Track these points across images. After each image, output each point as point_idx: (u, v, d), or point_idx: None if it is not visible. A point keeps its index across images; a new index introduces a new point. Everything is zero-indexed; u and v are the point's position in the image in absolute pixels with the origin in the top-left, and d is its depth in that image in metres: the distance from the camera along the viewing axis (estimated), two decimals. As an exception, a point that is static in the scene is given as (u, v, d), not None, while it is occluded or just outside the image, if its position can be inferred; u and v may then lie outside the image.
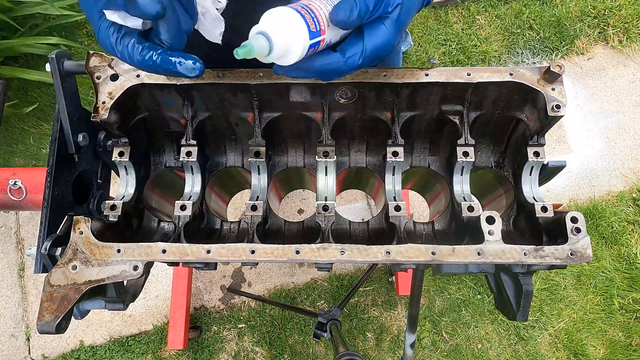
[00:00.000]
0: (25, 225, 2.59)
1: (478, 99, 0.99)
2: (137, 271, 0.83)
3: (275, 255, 0.83)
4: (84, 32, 2.85)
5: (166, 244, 0.84)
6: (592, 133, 2.75)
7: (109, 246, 0.84)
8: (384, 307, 2.47)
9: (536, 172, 0.98)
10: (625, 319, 2.45)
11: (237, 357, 2.40)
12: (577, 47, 2.87)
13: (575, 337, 2.41)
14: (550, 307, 2.46)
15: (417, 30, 2.86)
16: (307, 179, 1.26)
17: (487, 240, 0.83)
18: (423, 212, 2.58)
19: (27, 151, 2.69)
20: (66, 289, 0.82)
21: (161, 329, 2.43)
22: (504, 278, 1.00)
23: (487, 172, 1.12)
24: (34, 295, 2.48)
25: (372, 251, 0.83)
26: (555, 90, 0.91)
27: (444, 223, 1.09)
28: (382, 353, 2.40)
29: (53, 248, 0.87)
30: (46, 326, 0.80)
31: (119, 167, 1.03)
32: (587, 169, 2.69)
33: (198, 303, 2.48)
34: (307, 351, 2.40)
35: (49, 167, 0.95)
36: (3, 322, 2.45)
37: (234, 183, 1.30)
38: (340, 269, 2.53)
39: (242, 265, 2.53)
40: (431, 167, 1.14)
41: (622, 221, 2.58)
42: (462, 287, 2.49)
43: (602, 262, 2.52)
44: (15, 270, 2.52)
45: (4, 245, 2.55)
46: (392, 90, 0.96)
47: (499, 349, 2.40)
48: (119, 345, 2.41)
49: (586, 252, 0.83)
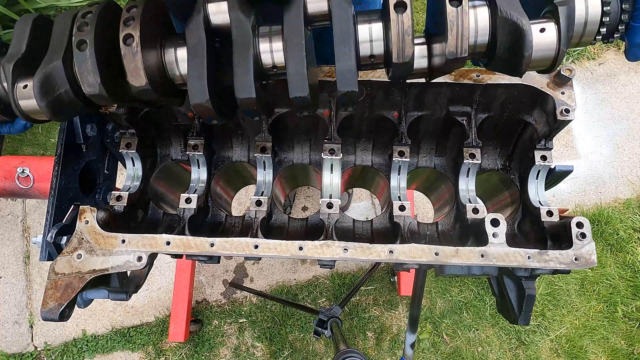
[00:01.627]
0: (31, 214, 2.61)
1: (486, 101, 0.98)
2: (141, 262, 0.84)
3: (278, 251, 0.84)
4: (94, 23, 2.87)
5: (170, 235, 0.84)
6: (600, 139, 2.73)
7: (114, 236, 0.84)
8: (385, 306, 2.47)
9: (543, 176, 0.98)
10: (628, 327, 2.43)
11: (237, 352, 2.41)
12: (589, 52, 2.84)
13: (576, 343, 2.39)
14: (553, 313, 2.45)
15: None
16: (313, 176, 1.26)
17: (491, 243, 0.83)
18: (427, 212, 2.58)
19: (36, 140, 2.72)
20: (70, 277, 0.82)
21: (163, 321, 2.44)
22: (506, 281, 1.00)
23: (493, 174, 1.11)
24: (38, 283, 2.51)
25: (375, 250, 0.83)
26: (565, 94, 0.90)
27: (448, 224, 1.08)
28: (382, 352, 2.40)
29: (59, 236, 0.88)
30: (50, 313, 0.81)
31: (126, 158, 1.03)
32: (595, 175, 2.67)
33: (200, 296, 2.50)
34: (307, 348, 2.41)
35: (57, 156, 0.96)
36: (7, 309, 2.47)
37: (239, 178, 1.30)
38: (343, 267, 2.53)
39: (245, 259, 2.55)
40: (437, 168, 1.14)
41: (628, 228, 2.56)
42: (464, 290, 2.48)
43: (607, 269, 2.50)
44: (21, 258, 2.54)
45: (10, 233, 2.58)
46: (400, 90, 0.96)
47: (499, 353, 2.40)
48: (121, 336, 2.42)
49: (591, 257, 0.82)
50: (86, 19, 0.64)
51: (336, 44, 0.64)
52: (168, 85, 0.72)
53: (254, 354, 2.41)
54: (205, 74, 0.65)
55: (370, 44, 0.67)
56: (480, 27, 0.65)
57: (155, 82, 0.67)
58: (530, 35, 0.60)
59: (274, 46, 0.67)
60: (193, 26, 0.66)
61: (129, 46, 0.64)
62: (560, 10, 0.61)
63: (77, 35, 0.64)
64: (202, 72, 0.65)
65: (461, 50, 0.62)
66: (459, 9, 0.60)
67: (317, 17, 0.68)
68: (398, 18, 0.62)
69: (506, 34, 0.62)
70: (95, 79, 0.64)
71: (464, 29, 0.61)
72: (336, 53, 0.63)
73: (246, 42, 0.65)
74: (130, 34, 0.64)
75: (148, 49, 0.66)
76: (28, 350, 2.42)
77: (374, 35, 0.67)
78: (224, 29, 0.69)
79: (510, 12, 0.61)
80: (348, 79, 0.64)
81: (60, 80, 0.66)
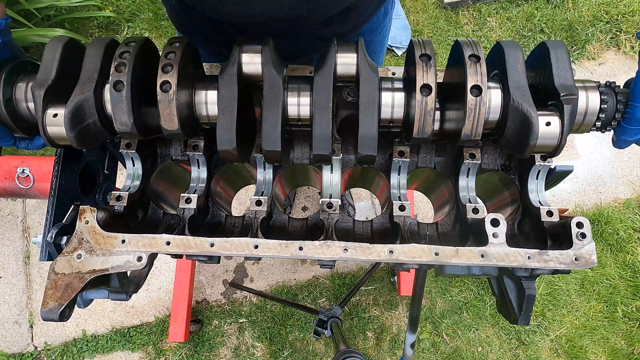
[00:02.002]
0: (31, 214, 2.61)
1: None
2: (141, 262, 0.83)
3: (278, 251, 0.84)
4: (94, 24, 2.87)
5: (170, 235, 0.84)
6: (600, 139, 2.73)
7: (114, 236, 0.84)
8: (385, 307, 2.47)
9: (543, 176, 0.98)
10: (628, 327, 2.43)
11: (237, 352, 2.41)
12: (589, 52, 2.85)
13: (576, 343, 2.39)
14: (553, 313, 2.45)
15: (427, 30, 2.85)
16: (312, 176, 1.26)
17: (491, 243, 0.83)
18: (427, 212, 2.58)
19: (36, 140, 2.71)
20: (70, 277, 0.82)
21: (163, 321, 2.44)
22: (506, 281, 1.00)
23: (493, 174, 1.11)
24: (38, 283, 2.51)
25: (375, 250, 0.83)
26: (565, 94, 0.90)
27: (448, 224, 1.08)
28: (382, 352, 2.40)
29: (59, 236, 0.88)
30: (50, 313, 0.81)
31: (126, 158, 1.03)
32: (595, 175, 2.67)
33: (200, 296, 2.50)
34: (307, 348, 2.41)
35: (57, 156, 0.96)
36: (7, 309, 2.47)
37: (239, 178, 1.30)
38: (343, 267, 2.53)
39: (245, 260, 2.55)
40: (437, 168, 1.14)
41: (628, 229, 2.56)
42: (464, 290, 2.48)
43: (607, 269, 2.50)
44: (21, 258, 2.54)
45: (10, 233, 2.58)
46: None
47: (499, 353, 2.40)
48: (121, 336, 2.42)
49: (591, 257, 0.82)
50: (124, 59, 0.67)
51: (361, 108, 0.69)
52: (195, 125, 0.77)
53: (254, 354, 2.41)
54: (235, 124, 0.69)
55: (391, 111, 0.74)
56: (493, 110, 0.71)
57: (185, 126, 0.71)
58: (537, 127, 0.67)
59: (302, 100, 0.73)
60: (227, 77, 0.70)
61: (165, 92, 0.67)
62: (565, 107, 0.68)
63: (115, 75, 0.67)
64: (232, 122, 0.69)
65: (475, 134, 0.69)
66: (478, 98, 0.65)
67: (344, 78, 0.74)
68: (423, 100, 0.68)
69: (515, 121, 0.68)
70: (129, 119, 0.68)
71: (481, 117, 0.66)
72: (360, 117, 0.69)
73: (276, 97, 0.70)
74: (168, 82, 0.68)
75: (182, 94, 0.70)
76: (28, 350, 2.42)
77: (396, 104, 0.74)
78: (254, 79, 0.74)
79: (521, 103, 0.67)
80: (369, 144, 0.71)
81: (89, 111, 0.69)
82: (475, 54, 0.68)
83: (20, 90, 0.76)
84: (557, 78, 0.70)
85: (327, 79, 0.70)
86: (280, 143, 0.70)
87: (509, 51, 0.72)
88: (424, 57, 0.69)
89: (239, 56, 0.72)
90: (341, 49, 0.74)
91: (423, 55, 0.69)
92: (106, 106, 0.71)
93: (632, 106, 0.77)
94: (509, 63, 0.70)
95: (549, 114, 0.70)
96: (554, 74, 0.70)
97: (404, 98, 0.74)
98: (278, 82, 0.70)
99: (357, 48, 0.73)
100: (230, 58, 0.72)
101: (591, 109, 0.75)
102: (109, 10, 2.75)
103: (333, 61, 0.71)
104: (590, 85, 0.76)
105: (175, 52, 0.69)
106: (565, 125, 0.69)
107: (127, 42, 0.70)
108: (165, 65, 0.68)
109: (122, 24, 2.83)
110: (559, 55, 0.70)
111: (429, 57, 0.69)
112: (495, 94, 0.71)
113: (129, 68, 0.67)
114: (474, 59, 0.68)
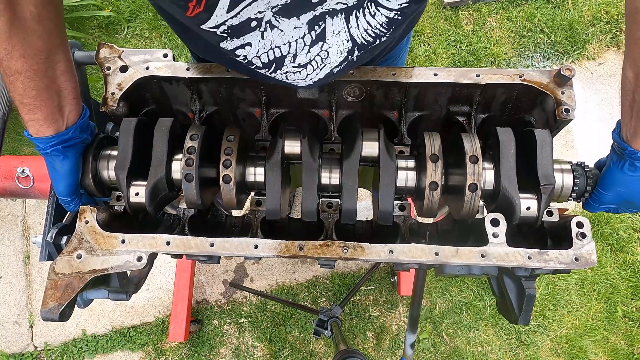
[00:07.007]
0: (31, 214, 2.61)
1: (486, 101, 0.98)
2: (141, 262, 0.83)
3: (278, 251, 0.84)
4: (94, 23, 2.87)
5: (170, 235, 0.84)
6: (600, 139, 2.73)
7: (114, 236, 0.84)
8: (385, 306, 2.46)
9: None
10: (628, 327, 2.43)
11: (237, 352, 2.41)
12: (589, 52, 2.84)
13: (576, 343, 2.39)
14: (553, 313, 2.45)
15: (427, 30, 2.85)
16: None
17: (491, 243, 0.83)
18: (427, 213, 2.57)
19: (36, 140, 2.71)
20: (70, 277, 0.82)
21: (163, 321, 2.44)
22: (506, 281, 1.00)
23: (493, 174, 1.11)
24: (38, 283, 2.51)
25: (375, 250, 0.83)
26: (565, 94, 0.90)
27: (449, 224, 1.08)
28: (381, 352, 2.40)
29: (59, 236, 0.88)
30: (50, 313, 0.81)
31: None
32: (595, 175, 2.67)
33: (200, 296, 2.50)
34: (307, 348, 2.41)
35: (57, 156, 0.96)
36: (7, 309, 2.47)
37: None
38: (343, 267, 2.53)
39: (245, 259, 2.54)
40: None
41: (628, 228, 2.56)
42: (464, 290, 2.48)
43: (607, 269, 2.50)
44: (21, 258, 2.54)
45: (10, 233, 2.58)
46: (400, 90, 0.96)
47: (499, 353, 2.40)
48: (121, 336, 2.42)
49: (591, 257, 0.82)
50: (192, 156, 0.83)
51: (381, 187, 0.85)
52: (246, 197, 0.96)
53: (254, 354, 2.41)
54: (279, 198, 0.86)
55: (405, 186, 0.90)
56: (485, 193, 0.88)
57: (240, 202, 0.90)
58: (519, 211, 0.83)
59: (332, 176, 0.92)
60: (273, 163, 0.86)
61: (227, 183, 0.85)
62: (543, 196, 0.84)
63: (186, 169, 0.83)
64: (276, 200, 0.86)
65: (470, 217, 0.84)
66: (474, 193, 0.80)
67: (367, 159, 0.90)
68: (430, 194, 0.84)
69: (503, 203, 0.85)
70: (197, 201, 0.85)
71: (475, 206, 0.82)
72: (380, 194, 0.85)
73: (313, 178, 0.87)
74: (229, 175, 0.85)
75: (238, 185, 0.87)
76: (28, 350, 2.42)
77: (409, 181, 0.90)
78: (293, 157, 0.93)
79: (509, 191, 0.83)
80: (387, 218, 0.87)
81: (162, 187, 0.87)
82: (475, 155, 0.81)
83: (102, 165, 0.92)
84: (540, 168, 0.84)
85: (354, 165, 0.86)
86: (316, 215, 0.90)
87: (503, 139, 0.84)
88: (434, 157, 0.83)
89: (283, 146, 0.88)
90: (366, 137, 0.91)
91: (433, 155, 0.84)
92: (174, 181, 0.89)
93: (599, 192, 0.92)
94: (503, 153, 0.84)
95: (530, 197, 0.86)
96: (537, 164, 0.84)
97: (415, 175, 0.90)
98: (314, 166, 0.86)
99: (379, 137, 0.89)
100: (276, 147, 0.87)
101: (566, 186, 0.92)
102: (109, 10, 2.75)
103: (359, 149, 0.87)
104: (566, 167, 0.93)
105: (232, 150, 0.85)
106: (542, 207, 0.85)
107: (191, 136, 0.85)
108: (225, 161, 0.85)
109: (122, 23, 2.83)
110: (544, 147, 0.84)
111: (437, 157, 0.83)
112: (489, 177, 0.86)
113: (195, 163, 0.83)
114: (473, 159, 0.80)
